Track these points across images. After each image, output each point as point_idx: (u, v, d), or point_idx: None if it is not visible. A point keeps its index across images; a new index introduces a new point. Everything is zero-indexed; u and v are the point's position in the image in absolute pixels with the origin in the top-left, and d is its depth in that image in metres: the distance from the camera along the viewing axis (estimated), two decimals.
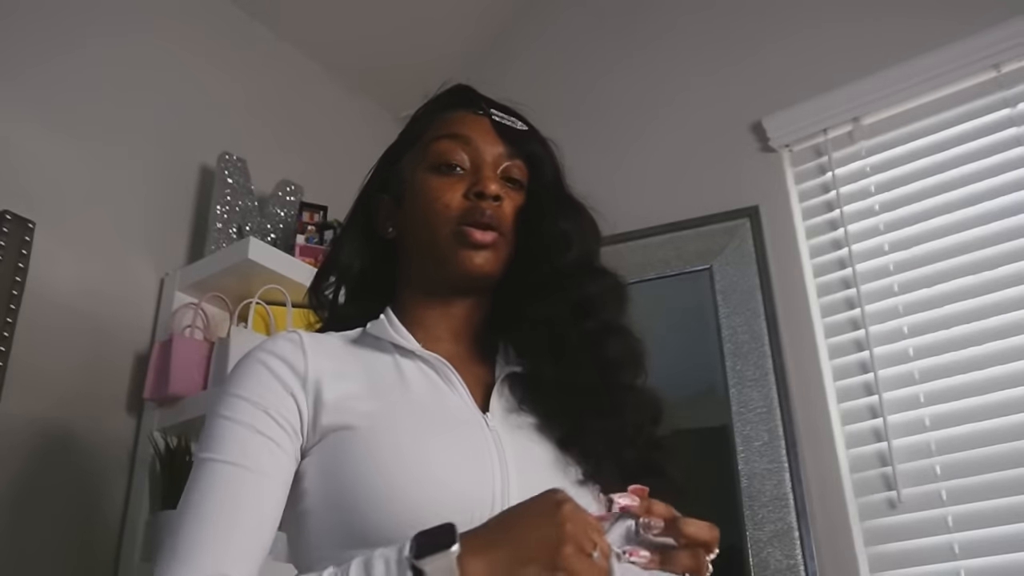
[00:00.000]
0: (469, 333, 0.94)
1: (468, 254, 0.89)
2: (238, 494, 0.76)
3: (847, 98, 1.78)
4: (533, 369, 0.88)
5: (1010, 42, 1.64)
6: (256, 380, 0.83)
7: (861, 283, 1.69)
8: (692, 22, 2.13)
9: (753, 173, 1.89)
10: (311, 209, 1.95)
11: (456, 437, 0.81)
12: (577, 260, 0.90)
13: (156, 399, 1.64)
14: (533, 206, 0.94)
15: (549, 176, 0.97)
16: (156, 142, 1.88)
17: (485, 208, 0.90)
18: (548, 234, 0.91)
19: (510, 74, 2.37)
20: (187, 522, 0.75)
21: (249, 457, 0.78)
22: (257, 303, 1.72)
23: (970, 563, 1.44)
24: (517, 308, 0.89)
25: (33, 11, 1.72)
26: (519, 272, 0.91)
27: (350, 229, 1.00)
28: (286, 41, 2.28)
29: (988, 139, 1.66)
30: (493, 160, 0.94)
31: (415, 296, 0.95)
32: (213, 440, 0.79)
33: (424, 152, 0.95)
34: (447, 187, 0.92)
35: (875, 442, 1.59)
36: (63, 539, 1.52)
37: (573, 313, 0.87)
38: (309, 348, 0.85)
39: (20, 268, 1.50)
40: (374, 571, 0.67)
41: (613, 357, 0.86)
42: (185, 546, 0.73)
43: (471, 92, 1.01)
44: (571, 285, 0.88)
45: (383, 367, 0.87)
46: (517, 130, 0.97)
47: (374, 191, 1.00)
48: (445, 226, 0.90)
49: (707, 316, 1.81)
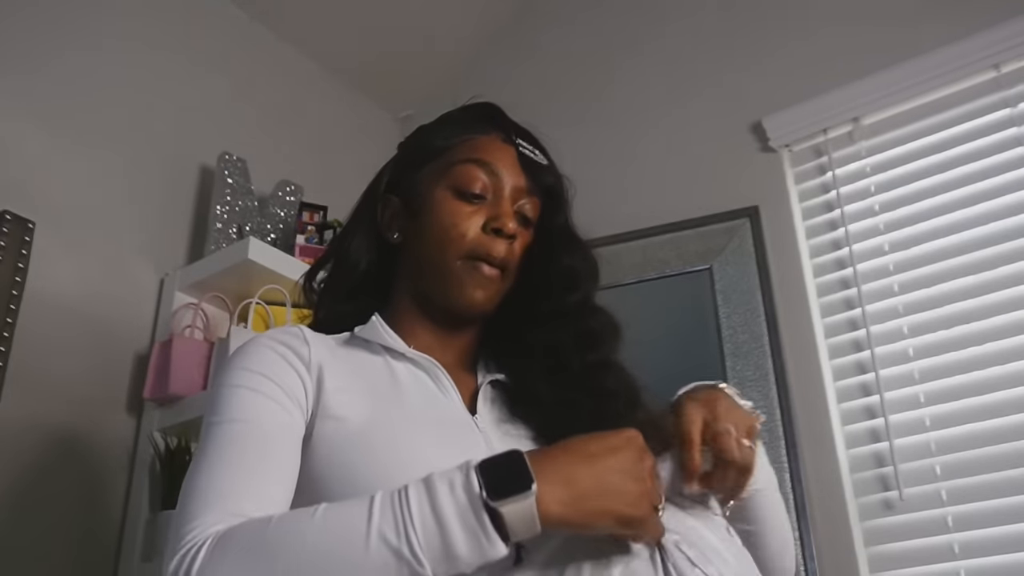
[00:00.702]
0: (456, 345, 0.96)
1: (472, 287, 0.91)
2: (247, 447, 0.76)
3: (847, 98, 1.78)
4: (528, 387, 0.90)
5: (1010, 42, 1.64)
6: (262, 356, 0.84)
7: (861, 283, 1.69)
8: (692, 23, 2.12)
9: (753, 173, 1.89)
10: (311, 209, 1.95)
11: (449, 436, 0.82)
12: (584, 297, 0.93)
13: (156, 399, 1.64)
14: (542, 241, 0.96)
15: (561, 212, 0.98)
16: (156, 142, 1.88)
17: (500, 246, 0.91)
18: (556, 272, 0.93)
19: (510, 74, 2.37)
20: (200, 476, 0.74)
21: (258, 418, 0.78)
22: (257, 303, 1.72)
23: (970, 563, 1.44)
24: (515, 333, 0.92)
25: (33, 12, 1.72)
26: (520, 302, 0.93)
27: (359, 225, 1.00)
28: (286, 41, 2.28)
29: (988, 139, 1.65)
30: (512, 193, 0.94)
31: (410, 306, 0.96)
32: (220, 406, 0.80)
33: (447, 171, 0.95)
34: (466, 215, 0.92)
35: (875, 442, 1.59)
36: (63, 539, 1.52)
37: (576, 344, 0.89)
38: (311, 340, 0.87)
39: (20, 268, 1.50)
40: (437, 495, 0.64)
41: (610, 387, 0.88)
42: (202, 494, 0.72)
43: (502, 117, 1.00)
44: (575, 318, 0.91)
45: (376, 368, 0.88)
46: (539, 163, 0.97)
47: (385, 191, 1.00)
48: (457, 253, 0.91)
49: (707, 316, 1.81)
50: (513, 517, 0.64)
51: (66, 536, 1.52)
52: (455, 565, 0.63)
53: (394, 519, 0.64)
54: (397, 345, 0.89)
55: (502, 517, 0.63)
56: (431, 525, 0.63)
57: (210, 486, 0.73)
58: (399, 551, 0.62)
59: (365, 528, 0.64)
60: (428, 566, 0.63)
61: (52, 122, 1.69)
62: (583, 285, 0.93)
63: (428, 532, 0.63)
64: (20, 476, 1.48)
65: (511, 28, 2.47)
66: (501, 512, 0.63)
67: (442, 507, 0.64)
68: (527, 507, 0.64)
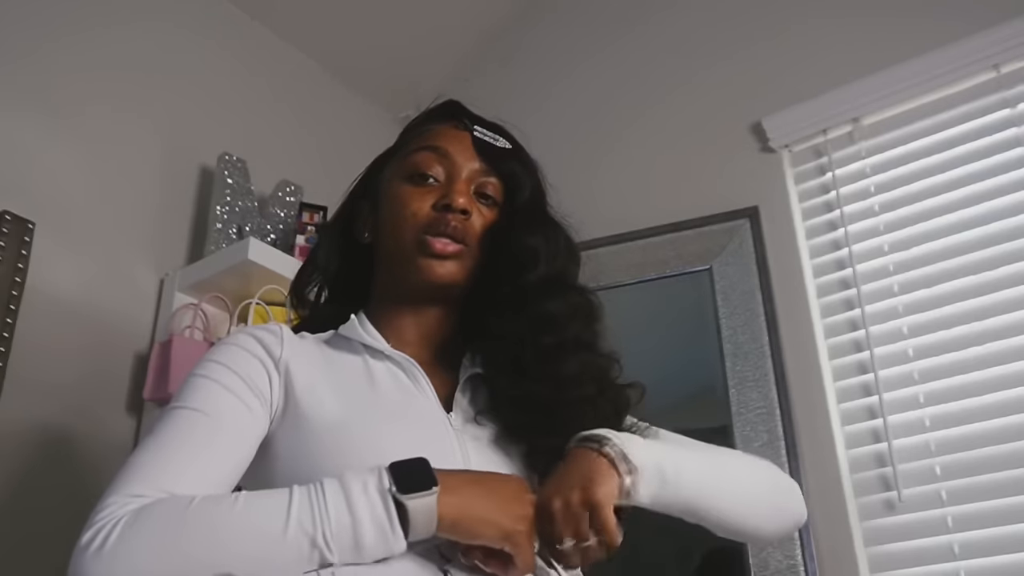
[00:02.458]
0: (438, 339, 0.96)
1: (429, 263, 0.91)
2: (194, 432, 0.79)
3: (847, 98, 1.78)
4: (492, 382, 0.90)
5: (1010, 42, 1.64)
6: (234, 352, 0.87)
7: (861, 283, 1.69)
8: (692, 22, 2.12)
9: (753, 173, 1.89)
10: (311, 209, 1.95)
11: (418, 434, 0.83)
12: (543, 277, 0.91)
13: (156, 400, 1.63)
14: (506, 223, 0.96)
15: (526, 195, 0.98)
16: (156, 142, 1.88)
17: (450, 220, 0.91)
18: (516, 250, 0.92)
19: (509, 75, 2.37)
20: (139, 453, 0.77)
21: (215, 408, 0.81)
22: (257, 303, 1.72)
23: (970, 563, 1.44)
24: (482, 322, 0.92)
25: (33, 12, 1.72)
26: (486, 286, 0.93)
27: (330, 231, 1.04)
28: (286, 41, 2.28)
29: (988, 139, 1.65)
30: (468, 175, 0.96)
31: (387, 301, 0.97)
32: (183, 393, 0.83)
33: (402, 162, 0.98)
34: (417, 197, 0.94)
35: (875, 442, 1.59)
36: (62, 539, 1.51)
37: (532, 329, 0.88)
38: (287, 340, 0.89)
39: (20, 268, 1.50)
40: (352, 493, 0.70)
41: (568, 373, 0.87)
42: (135, 468, 0.75)
43: (457, 107, 1.03)
44: (533, 301, 0.90)
45: (352, 367, 0.89)
46: (498, 148, 0.98)
47: (358, 197, 1.03)
48: (409, 234, 0.92)
49: (707, 316, 1.81)
50: (416, 512, 0.70)
51: (65, 536, 1.51)
52: (360, 555, 0.69)
53: (311, 509, 0.69)
54: (376, 343, 0.91)
55: (407, 511, 0.69)
56: (344, 517, 0.69)
57: (145, 462, 0.76)
58: (314, 538, 0.68)
59: (284, 515, 0.69)
60: (336, 554, 0.68)
61: (52, 122, 1.69)
62: (544, 263, 0.92)
63: (341, 523, 0.69)
64: (19, 476, 1.48)
65: (511, 28, 2.47)
66: (406, 506, 0.69)
67: (355, 500, 0.69)
68: (429, 504, 0.70)
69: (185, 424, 0.79)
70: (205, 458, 0.77)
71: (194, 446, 0.78)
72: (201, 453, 0.77)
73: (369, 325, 0.94)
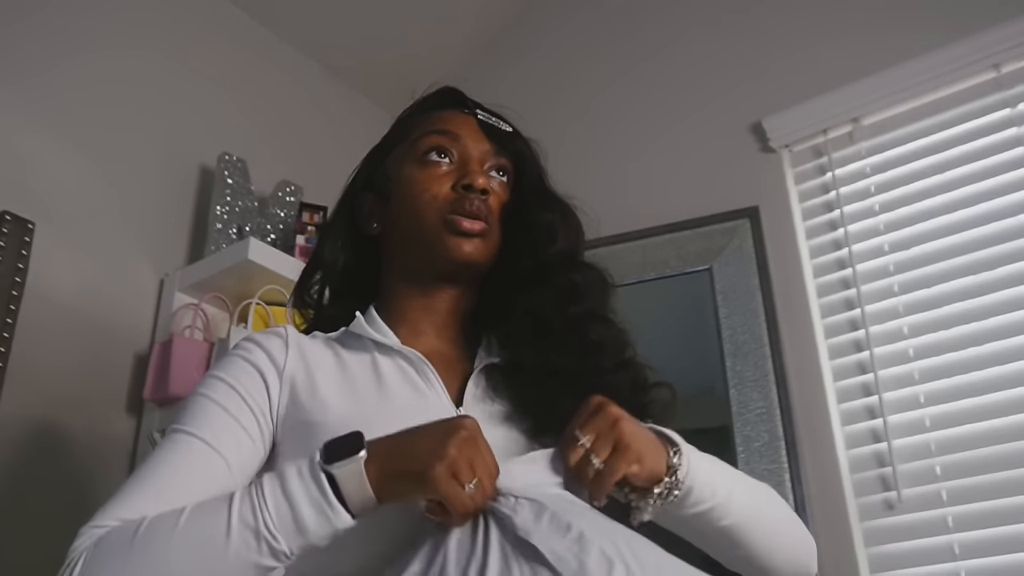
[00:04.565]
0: (453, 327, 0.96)
1: (457, 241, 0.91)
2: (189, 461, 0.79)
3: (847, 98, 1.78)
4: (514, 357, 0.89)
5: (1010, 42, 1.64)
6: (237, 365, 0.87)
7: (861, 283, 1.69)
8: (692, 23, 2.12)
9: (753, 173, 1.89)
10: (311, 209, 1.95)
11: None
12: (563, 251, 0.93)
13: (156, 400, 1.64)
14: (519, 202, 0.97)
15: (534, 174, 1.00)
16: (156, 142, 1.88)
17: (473, 199, 0.92)
18: (535, 226, 0.94)
19: (510, 75, 2.37)
20: (134, 476, 0.79)
21: (212, 433, 0.81)
22: (257, 303, 1.72)
23: (970, 563, 1.44)
24: (505, 299, 0.92)
25: (33, 13, 1.72)
26: (506, 265, 0.94)
27: (334, 227, 1.03)
28: (286, 41, 2.28)
29: (988, 139, 1.66)
30: (480, 156, 0.96)
31: (398, 291, 0.96)
32: (184, 413, 0.84)
33: (412, 148, 0.97)
34: (434, 179, 0.94)
35: (875, 443, 1.59)
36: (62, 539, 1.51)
37: (558, 300, 0.89)
38: (292, 344, 0.89)
39: (20, 268, 1.50)
40: (287, 479, 0.70)
41: (595, 341, 0.88)
42: (124, 492, 0.77)
43: (458, 93, 1.03)
44: (557, 274, 0.91)
45: (360, 366, 0.89)
46: (502, 130, 0.99)
47: (359, 190, 1.02)
48: (434, 215, 0.92)
49: (707, 316, 1.81)
50: (345, 480, 0.69)
51: (65, 536, 1.52)
52: (307, 537, 0.69)
53: (251, 503, 0.69)
54: (385, 339, 0.90)
55: (336, 481, 0.69)
56: (281, 502, 0.69)
57: (133, 487, 0.77)
58: (257, 530, 0.68)
59: (226, 516, 0.69)
60: (283, 541, 0.68)
61: (52, 122, 1.69)
62: (561, 238, 0.93)
63: (280, 508, 0.69)
64: (19, 476, 1.48)
65: (512, 28, 2.47)
66: (334, 475, 0.69)
67: (289, 484, 0.70)
68: (355, 471, 0.69)
69: (179, 449, 0.80)
70: (193, 482, 0.78)
71: (184, 472, 0.78)
72: (189, 479, 0.78)
73: (379, 320, 0.93)
